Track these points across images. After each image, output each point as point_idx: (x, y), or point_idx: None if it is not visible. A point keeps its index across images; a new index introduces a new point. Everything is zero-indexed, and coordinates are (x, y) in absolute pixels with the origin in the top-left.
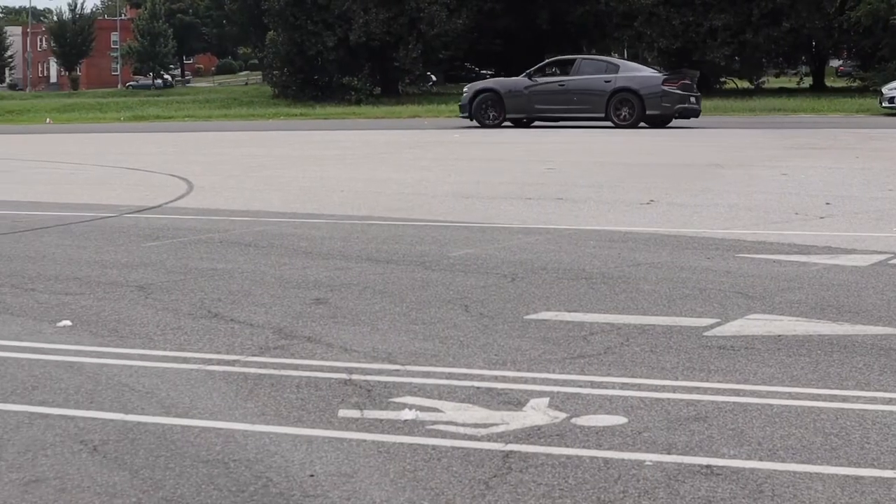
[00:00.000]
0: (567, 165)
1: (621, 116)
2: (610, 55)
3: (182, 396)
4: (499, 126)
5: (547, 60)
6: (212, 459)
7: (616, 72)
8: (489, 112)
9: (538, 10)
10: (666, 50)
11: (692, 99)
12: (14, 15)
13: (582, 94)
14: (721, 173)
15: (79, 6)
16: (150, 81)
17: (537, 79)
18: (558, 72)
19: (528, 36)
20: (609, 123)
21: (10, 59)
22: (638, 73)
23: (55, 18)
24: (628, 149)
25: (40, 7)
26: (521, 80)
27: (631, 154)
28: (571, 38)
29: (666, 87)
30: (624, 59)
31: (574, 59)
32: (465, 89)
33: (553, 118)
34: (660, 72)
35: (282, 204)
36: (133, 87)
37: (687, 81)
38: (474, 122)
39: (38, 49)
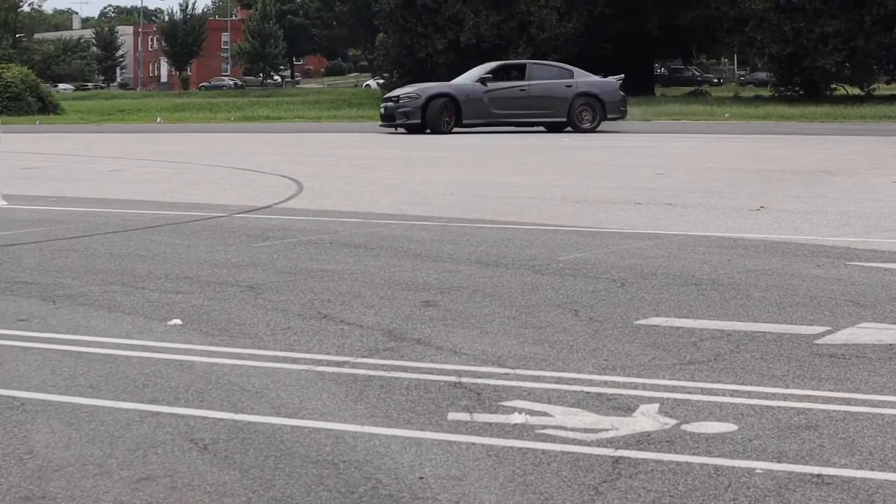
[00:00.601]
0: (676, 171)
1: (584, 121)
2: (720, 60)
3: (292, 397)
4: (450, 132)
5: (495, 65)
6: (321, 460)
7: (572, 77)
8: (444, 117)
9: (648, 15)
10: (776, 55)
11: None
12: (126, 15)
13: (544, 98)
14: (831, 180)
15: (190, 6)
16: (222, 82)
17: (491, 84)
18: (509, 77)
19: (637, 40)
20: (569, 129)
21: (121, 59)
22: (593, 78)
23: (166, 18)
24: (737, 154)
25: (151, 7)
26: (476, 86)
27: (740, 160)
28: (681, 43)
29: (622, 92)
30: (734, 64)
31: (524, 64)
32: (407, 93)
33: (513, 123)
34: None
35: (391, 206)
36: (206, 87)
37: None
38: (403, 130)
39: (149, 49)
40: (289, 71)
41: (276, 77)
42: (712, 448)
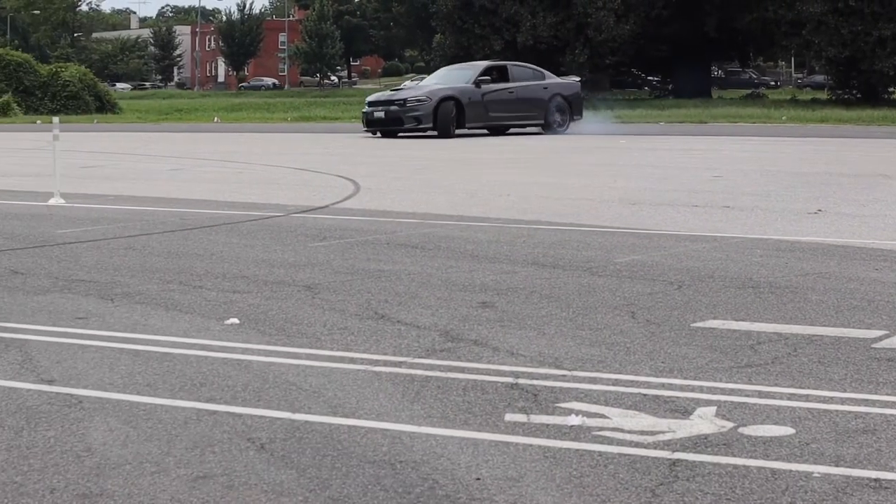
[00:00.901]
0: (733, 174)
1: (555, 122)
2: (777, 63)
3: (349, 397)
4: (454, 135)
5: (486, 66)
6: (378, 460)
7: (544, 78)
8: (453, 122)
9: (706, 17)
10: (834, 59)
11: None
12: (183, 14)
13: (528, 101)
14: (890, 184)
15: (247, 7)
16: (262, 83)
17: (485, 86)
18: (493, 79)
19: (694, 43)
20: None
21: (178, 59)
22: (560, 79)
23: (224, 18)
24: (794, 157)
25: (209, 7)
26: (473, 88)
27: (797, 163)
28: (738, 46)
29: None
30: (791, 67)
31: (506, 66)
32: (416, 96)
33: (503, 126)
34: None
35: (448, 206)
36: (245, 87)
37: None
38: (379, 134)
39: (207, 48)
40: (346, 71)
41: (332, 77)
42: (770, 451)
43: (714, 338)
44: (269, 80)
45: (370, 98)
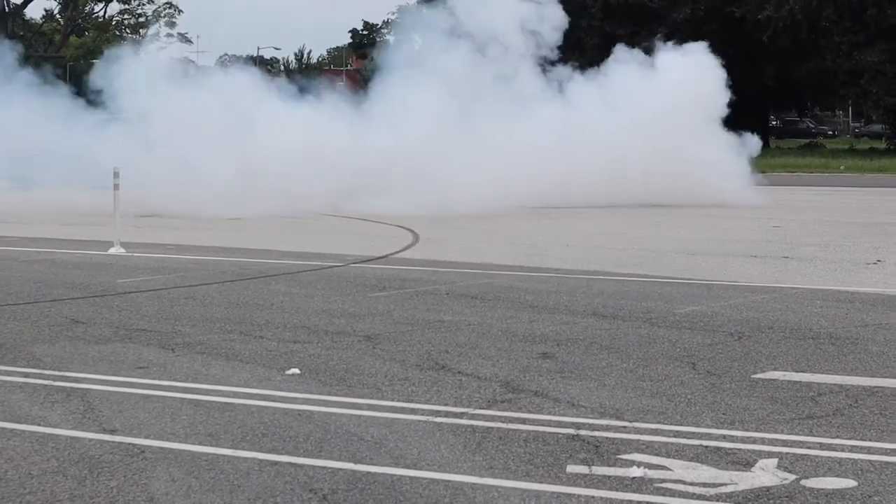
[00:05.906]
0: (793, 224)
1: None
2: (835, 112)
3: (410, 448)
4: None
5: None
6: None
7: None
8: None
9: (764, 67)
10: (892, 108)
11: None
12: (242, 63)
13: None
14: None
15: (305, 56)
16: None
17: None
18: None
19: (752, 91)
20: None
21: None
22: None
23: (282, 68)
24: (852, 207)
25: (267, 56)
26: None
27: (855, 213)
28: (796, 95)
29: None
30: (848, 116)
31: None
32: None
33: None
34: None
35: (508, 257)
36: None
37: None
38: None
39: None
40: None
41: None
42: None
43: (774, 389)
44: None
45: None
